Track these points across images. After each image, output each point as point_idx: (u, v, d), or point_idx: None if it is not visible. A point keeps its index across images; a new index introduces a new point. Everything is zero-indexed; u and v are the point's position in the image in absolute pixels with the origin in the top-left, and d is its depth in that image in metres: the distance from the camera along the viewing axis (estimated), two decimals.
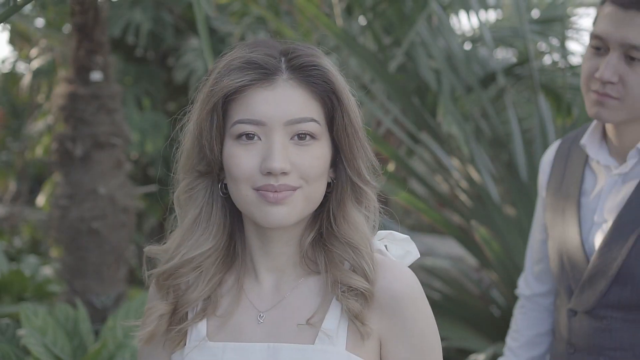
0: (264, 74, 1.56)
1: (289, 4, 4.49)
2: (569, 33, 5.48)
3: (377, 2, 4.25)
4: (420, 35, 4.34)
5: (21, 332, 3.43)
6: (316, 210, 1.64)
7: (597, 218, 2.23)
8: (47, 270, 5.72)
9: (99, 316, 4.10)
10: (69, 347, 3.63)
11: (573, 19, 5.73)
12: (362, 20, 4.47)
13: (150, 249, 1.70)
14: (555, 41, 5.08)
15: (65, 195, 4.06)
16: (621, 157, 2.24)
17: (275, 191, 1.54)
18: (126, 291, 4.29)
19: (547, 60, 5.88)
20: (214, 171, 1.62)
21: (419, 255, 1.73)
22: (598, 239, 2.21)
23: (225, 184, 1.63)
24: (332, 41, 4.40)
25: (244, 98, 1.56)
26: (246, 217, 1.65)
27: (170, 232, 1.73)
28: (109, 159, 4.05)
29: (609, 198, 2.23)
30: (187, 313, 1.67)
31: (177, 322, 1.64)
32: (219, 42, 6.38)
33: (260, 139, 1.56)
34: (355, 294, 1.58)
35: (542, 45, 5.62)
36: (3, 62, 8.61)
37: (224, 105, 1.58)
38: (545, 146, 3.98)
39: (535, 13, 5.73)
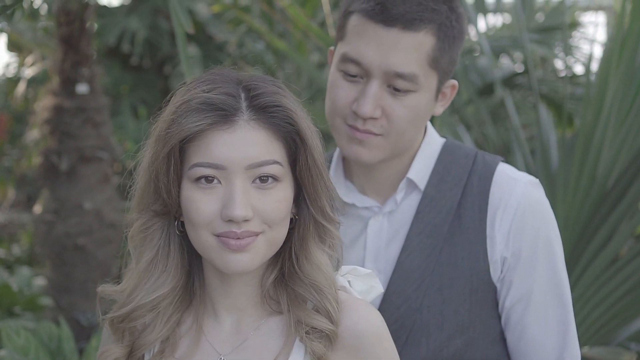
0: (223, 115, 1.47)
1: (281, 14, 4.41)
2: (571, 42, 5.38)
3: None
4: None
5: (1, 353, 3.36)
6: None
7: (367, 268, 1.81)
8: (40, 281, 5.66)
9: (85, 334, 4.03)
10: None
11: (574, 27, 5.62)
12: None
13: (104, 290, 1.62)
14: (557, 49, 4.98)
15: (51, 210, 3.99)
16: (379, 195, 1.92)
17: (238, 238, 1.46)
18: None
19: (548, 68, 5.78)
20: (171, 211, 1.54)
21: (383, 290, 1.68)
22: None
23: (182, 222, 1.55)
24: (324, 52, 4.32)
25: (202, 140, 1.47)
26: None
27: (125, 268, 1.66)
28: (95, 174, 3.98)
29: (377, 244, 1.91)
30: (143, 355, 1.59)
31: None
32: (216, 50, 6.32)
33: (220, 183, 1.47)
34: (319, 336, 1.51)
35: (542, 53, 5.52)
36: (7, 66, 8.58)
37: (181, 146, 1.49)
38: (546, 157, 3.88)
39: (540, 16, 5.63)
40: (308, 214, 1.56)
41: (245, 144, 1.47)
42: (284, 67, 4.94)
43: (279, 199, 1.49)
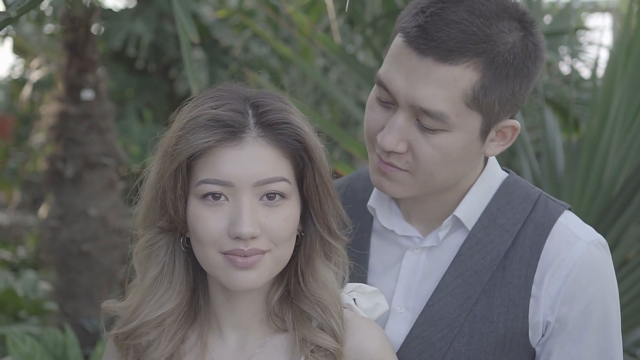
0: (231, 132, 1.47)
1: (287, 20, 4.40)
2: (578, 45, 5.36)
3: (376, 17, 4.14)
4: None
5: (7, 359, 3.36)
6: None
7: (397, 305, 1.72)
8: (46, 286, 5.66)
9: (90, 340, 4.03)
10: None
11: (581, 32, 5.60)
12: (360, 37, 4.39)
13: (109, 306, 1.62)
14: (563, 53, 4.97)
15: (56, 217, 3.99)
16: (423, 224, 1.74)
17: (245, 255, 1.46)
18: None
19: (553, 72, 5.76)
20: (177, 228, 1.53)
21: (388, 308, 1.66)
22: (400, 332, 1.71)
23: (188, 238, 1.55)
24: (330, 56, 4.31)
25: (209, 157, 1.47)
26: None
27: (129, 281, 1.65)
28: (100, 180, 3.98)
29: (411, 280, 1.73)
30: None
31: None
32: (221, 54, 6.31)
33: (227, 200, 1.47)
34: (324, 354, 1.51)
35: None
36: (13, 68, 8.59)
37: (188, 162, 1.48)
38: (551, 162, 3.87)
39: (547, 19, 5.61)
40: (314, 231, 1.56)
41: (252, 161, 1.46)
42: (289, 72, 4.94)
43: (286, 216, 1.49)
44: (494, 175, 1.74)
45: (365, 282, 1.70)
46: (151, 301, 1.54)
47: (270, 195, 1.48)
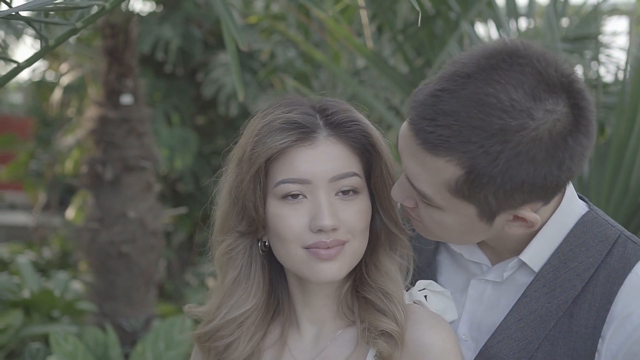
0: (305, 132, 1.57)
1: (319, 25, 4.47)
2: (603, 50, 5.40)
3: (407, 24, 4.21)
4: (452, 56, 4.29)
5: (52, 359, 3.44)
6: None
7: (462, 332, 1.69)
8: (76, 285, 5.74)
9: (128, 339, 4.11)
10: None
11: (606, 36, 5.64)
12: (392, 43, 4.45)
13: (190, 310, 1.71)
14: (587, 56, 5.00)
15: (96, 219, 4.08)
16: (494, 253, 1.67)
17: (328, 247, 1.54)
18: (155, 312, 4.30)
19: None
20: (258, 230, 1.62)
21: (456, 317, 1.69)
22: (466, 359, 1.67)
23: (264, 242, 1.64)
24: (361, 62, 4.38)
25: (286, 158, 1.57)
26: (289, 271, 1.66)
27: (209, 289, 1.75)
28: (138, 182, 4.06)
29: (475, 309, 1.68)
30: None
31: None
32: (248, 58, 6.38)
33: (305, 197, 1.56)
34: (386, 340, 1.57)
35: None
36: (34, 71, 8.68)
37: (265, 166, 1.58)
38: None
39: (566, 21, 5.65)
40: (381, 224, 1.64)
41: (327, 159, 1.56)
42: (319, 77, 5.01)
43: (360, 208, 1.58)
44: (569, 213, 1.62)
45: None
46: (230, 301, 1.64)
47: (345, 190, 1.57)
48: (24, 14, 2.07)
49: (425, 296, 1.67)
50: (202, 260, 6.42)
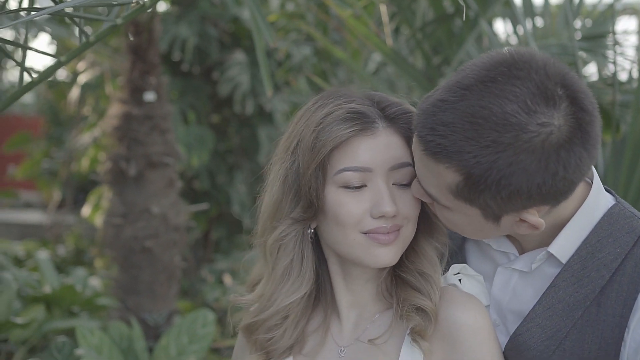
0: (367, 122, 1.63)
1: (338, 22, 4.52)
2: (618, 48, 5.42)
3: (426, 23, 4.25)
4: (470, 54, 4.33)
5: (80, 351, 3.49)
6: None
7: (493, 317, 1.74)
8: (94, 282, 5.80)
9: (151, 333, 4.15)
10: None
11: (621, 34, 5.67)
12: (409, 42, 4.49)
13: (236, 300, 1.76)
14: (607, 54, 5.03)
15: (119, 214, 4.12)
16: (522, 241, 1.72)
17: (387, 232, 1.61)
18: (177, 308, 4.35)
19: (594, 76, 5.83)
20: (313, 217, 1.67)
21: (488, 304, 1.74)
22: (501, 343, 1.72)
23: (312, 230, 1.68)
24: (374, 61, 4.42)
25: (347, 147, 1.62)
26: (332, 257, 1.71)
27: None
28: (161, 178, 4.11)
29: (501, 297, 1.74)
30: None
31: None
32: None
33: (365, 185, 1.62)
34: (420, 314, 1.63)
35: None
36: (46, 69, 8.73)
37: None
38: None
39: (579, 21, 5.68)
40: (421, 210, 1.69)
41: (386, 148, 1.63)
42: (337, 74, 5.05)
43: (413, 196, 1.65)
44: (596, 206, 1.67)
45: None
46: (284, 288, 1.68)
47: (400, 180, 1.64)
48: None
49: (460, 280, 1.72)
50: (218, 257, 6.47)
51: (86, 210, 7.08)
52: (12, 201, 11.05)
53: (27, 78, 2.20)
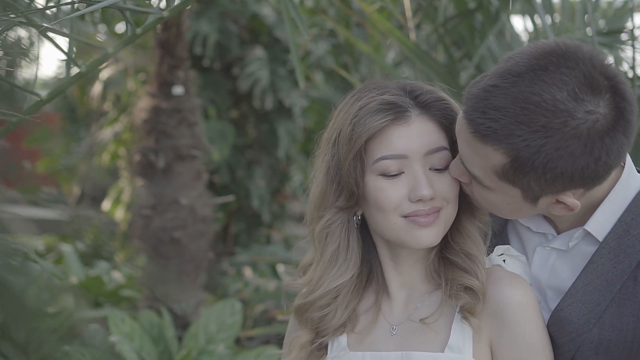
0: (399, 112, 1.71)
1: (361, 16, 4.59)
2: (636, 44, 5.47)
3: (448, 18, 4.32)
4: (491, 49, 4.39)
5: (114, 338, 3.58)
6: None
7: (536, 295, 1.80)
8: (116, 275, 5.89)
9: (179, 322, 4.24)
10: (155, 352, 3.77)
11: (638, 29, 5.71)
12: (430, 37, 4.55)
13: (289, 283, 1.85)
14: (626, 50, 5.08)
15: (148, 206, 4.21)
16: (561, 222, 1.80)
17: (426, 214, 1.68)
18: (204, 297, 4.43)
19: None
20: (357, 205, 1.75)
21: (529, 283, 1.79)
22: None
23: (358, 216, 1.77)
24: (401, 53, 4.47)
25: (383, 136, 1.70)
26: (380, 241, 1.79)
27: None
28: (189, 171, 4.19)
29: (540, 275, 1.82)
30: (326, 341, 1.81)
31: (317, 346, 1.79)
32: (282, 52, 6.50)
33: (403, 172, 1.70)
34: (468, 292, 1.71)
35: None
36: (60, 66, 8.81)
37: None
38: None
39: (597, 16, 5.71)
40: (462, 192, 1.76)
41: (420, 135, 1.70)
42: (359, 69, 5.12)
43: (451, 178, 1.72)
44: (629, 185, 1.74)
45: None
46: (331, 272, 1.77)
47: (437, 164, 1.71)
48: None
49: (504, 260, 1.79)
50: (238, 251, 6.55)
51: (106, 205, 7.17)
52: (30, 197, 11.12)
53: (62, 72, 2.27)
